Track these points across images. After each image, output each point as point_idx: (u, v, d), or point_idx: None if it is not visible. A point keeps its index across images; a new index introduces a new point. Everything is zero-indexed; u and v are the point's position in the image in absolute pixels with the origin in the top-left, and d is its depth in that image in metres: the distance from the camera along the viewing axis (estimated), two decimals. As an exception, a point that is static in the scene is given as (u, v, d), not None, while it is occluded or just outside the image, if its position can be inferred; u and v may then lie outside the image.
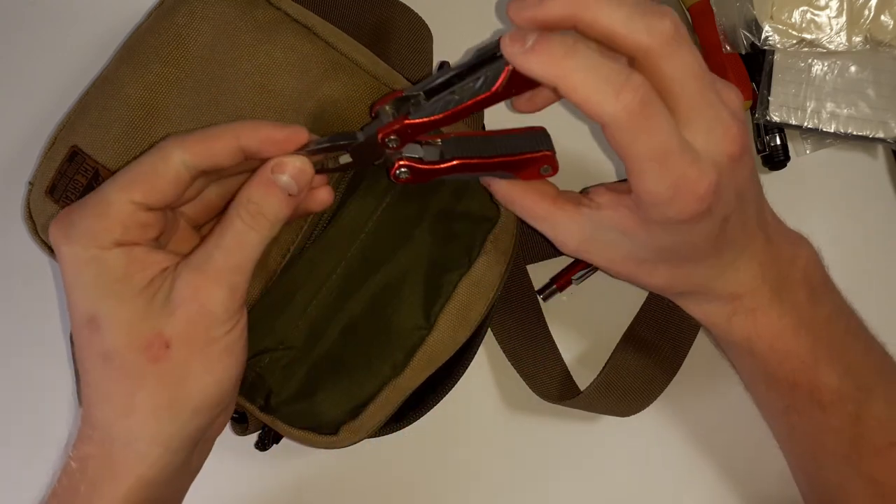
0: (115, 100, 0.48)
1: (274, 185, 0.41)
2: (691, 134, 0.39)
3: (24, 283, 0.58)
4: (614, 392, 0.53)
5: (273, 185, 0.41)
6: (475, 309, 0.48)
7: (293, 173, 0.41)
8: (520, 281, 0.55)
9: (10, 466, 0.56)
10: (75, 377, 0.50)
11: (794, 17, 0.55)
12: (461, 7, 0.59)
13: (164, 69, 0.48)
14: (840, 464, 0.47)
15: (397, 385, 0.47)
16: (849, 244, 0.56)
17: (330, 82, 0.48)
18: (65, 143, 0.49)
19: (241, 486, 0.56)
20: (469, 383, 0.52)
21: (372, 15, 0.56)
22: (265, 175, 0.41)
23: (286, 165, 0.41)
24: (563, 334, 0.56)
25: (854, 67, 0.55)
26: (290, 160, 0.41)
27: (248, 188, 0.41)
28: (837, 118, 0.55)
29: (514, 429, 0.56)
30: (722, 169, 0.40)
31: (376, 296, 0.48)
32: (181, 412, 0.41)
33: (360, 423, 0.47)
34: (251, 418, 0.50)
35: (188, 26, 0.48)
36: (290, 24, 0.48)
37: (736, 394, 0.54)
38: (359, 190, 0.49)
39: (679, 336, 0.54)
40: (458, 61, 0.42)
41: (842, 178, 0.57)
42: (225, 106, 0.48)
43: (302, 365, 0.48)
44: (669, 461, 0.55)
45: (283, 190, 0.41)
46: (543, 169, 0.44)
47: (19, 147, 0.58)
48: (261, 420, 0.49)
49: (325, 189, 0.45)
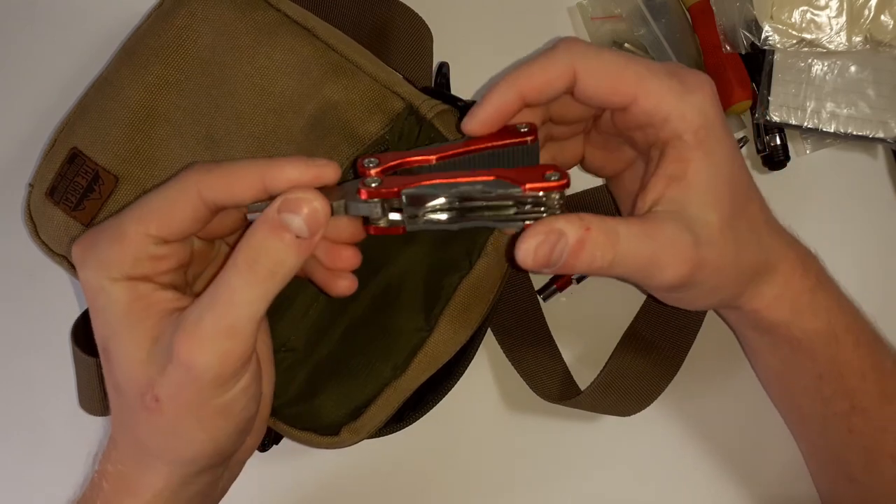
0: (115, 101, 0.48)
1: (280, 227, 0.36)
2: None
3: (25, 284, 0.58)
4: (614, 392, 0.53)
5: (277, 227, 0.36)
6: (475, 310, 0.48)
7: (305, 212, 0.36)
8: (520, 281, 0.55)
9: (10, 466, 0.56)
10: (76, 381, 0.50)
11: (794, 16, 0.55)
12: (461, 7, 0.59)
13: (164, 71, 0.48)
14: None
15: (398, 386, 0.47)
16: (849, 244, 0.56)
17: (330, 84, 0.48)
18: (65, 145, 0.49)
19: (240, 486, 0.56)
20: (469, 383, 0.52)
21: (372, 15, 0.56)
22: (270, 215, 0.36)
23: (297, 204, 0.36)
24: (563, 334, 0.56)
25: (854, 67, 0.55)
26: (302, 197, 0.36)
27: (251, 233, 0.36)
28: (837, 118, 0.55)
29: (514, 429, 0.56)
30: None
31: (377, 298, 0.48)
32: (175, 459, 0.40)
33: (361, 424, 0.47)
34: (252, 419, 0.50)
35: (188, 28, 0.48)
36: (290, 26, 0.48)
37: (736, 393, 0.54)
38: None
39: (679, 336, 0.54)
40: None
41: (842, 178, 0.57)
42: (225, 108, 0.48)
43: (303, 367, 0.48)
44: (670, 461, 0.55)
45: (289, 232, 0.36)
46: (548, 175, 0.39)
47: (19, 148, 0.58)
48: (261, 421, 0.49)
49: (350, 251, 0.42)
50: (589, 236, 0.37)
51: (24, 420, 0.57)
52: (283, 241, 0.36)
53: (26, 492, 0.56)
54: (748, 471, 0.54)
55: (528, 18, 0.59)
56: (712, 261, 0.41)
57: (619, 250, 0.38)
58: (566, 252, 0.37)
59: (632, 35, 0.58)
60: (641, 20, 0.57)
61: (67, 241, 0.50)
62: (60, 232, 0.49)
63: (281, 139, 0.48)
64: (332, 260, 0.43)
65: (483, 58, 0.58)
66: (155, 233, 0.39)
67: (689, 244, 0.40)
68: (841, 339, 0.46)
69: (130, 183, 0.49)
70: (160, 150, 0.48)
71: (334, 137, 0.48)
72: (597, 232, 0.38)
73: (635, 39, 0.58)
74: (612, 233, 0.38)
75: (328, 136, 0.48)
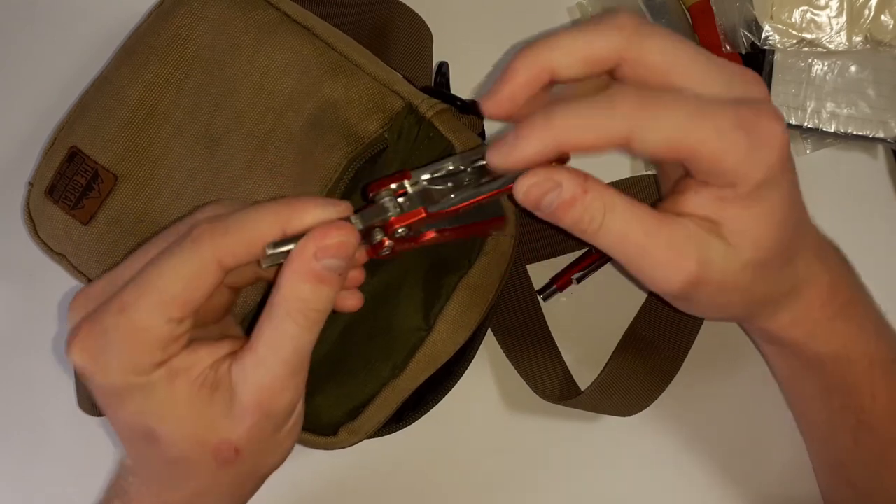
0: (115, 100, 0.48)
1: (322, 275, 0.36)
2: (719, 90, 0.36)
3: (24, 284, 0.58)
4: (615, 392, 0.53)
5: (321, 276, 0.36)
6: (475, 311, 0.48)
7: (338, 252, 0.36)
8: (520, 281, 0.55)
9: (10, 466, 0.56)
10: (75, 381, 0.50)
11: (794, 16, 0.55)
12: (461, 7, 0.59)
13: (164, 70, 0.48)
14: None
15: (396, 386, 0.47)
16: (849, 244, 0.56)
17: (329, 83, 0.48)
18: (64, 144, 0.49)
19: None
20: (469, 383, 0.52)
21: (372, 15, 0.56)
22: (309, 266, 0.35)
23: (329, 248, 0.35)
24: (563, 334, 0.56)
25: (854, 67, 0.55)
26: (331, 238, 0.35)
27: (294, 284, 0.36)
28: (837, 118, 0.55)
29: (514, 429, 0.56)
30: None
31: (376, 297, 0.48)
32: (244, 495, 0.41)
33: (359, 425, 0.47)
34: (251, 419, 0.50)
35: (188, 27, 0.48)
36: (290, 25, 0.48)
37: (737, 393, 0.54)
38: (358, 190, 0.49)
39: (679, 336, 0.54)
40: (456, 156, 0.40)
41: (842, 178, 0.57)
42: (224, 106, 0.48)
43: (301, 366, 0.48)
44: (670, 461, 0.55)
45: (332, 275, 0.36)
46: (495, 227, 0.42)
47: (19, 147, 0.59)
48: (260, 420, 0.49)
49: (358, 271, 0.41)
50: (583, 198, 0.36)
51: (24, 420, 0.57)
52: (329, 286, 0.36)
53: (26, 492, 0.56)
54: (749, 470, 0.54)
55: (528, 18, 0.59)
56: (718, 283, 0.39)
57: (608, 223, 0.37)
58: (555, 203, 0.36)
59: (632, 35, 0.58)
60: (641, 20, 0.57)
61: (66, 240, 0.50)
62: (59, 231, 0.50)
63: (280, 138, 0.48)
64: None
65: (483, 58, 0.58)
66: (178, 316, 0.36)
67: (693, 259, 0.37)
68: (854, 360, 0.44)
69: (129, 182, 0.49)
70: (159, 148, 0.48)
71: (333, 136, 0.48)
72: (592, 197, 0.36)
73: (635, 39, 0.58)
74: (610, 204, 0.37)
75: (327, 135, 0.48)
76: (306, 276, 0.35)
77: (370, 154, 0.48)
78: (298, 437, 0.42)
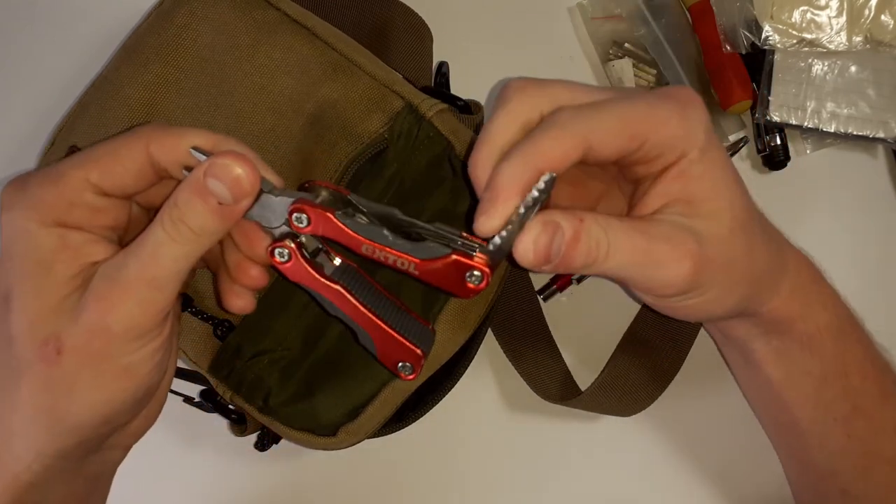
0: (115, 100, 0.48)
1: (203, 189, 0.36)
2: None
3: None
4: (615, 392, 0.53)
5: (202, 191, 0.36)
6: (474, 311, 0.48)
7: (229, 179, 0.36)
8: (520, 281, 0.55)
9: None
10: None
11: (795, 16, 0.55)
12: (461, 7, 0.59)
13: (164, 69, 0.48)
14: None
15: (396, 386, 0.47)
16: (849, 244, 0.56)
17: (329, 83, 0.48)
18: (64, 143, 0.49)
19: (240, 486, 0.56)
20: (469, 383, 0.52)
21: (372, 15, 0.56)
22: (196, 176, 0.36)
23: (223, 169, 0.36)
24: (563, 334, 0.56)
25: (854, 67, 0.55)
26: (229, 163, 0.36)
27: (178, 192, 0.36)
28: (837, 118, 0.55)
29: (514, 429, 0.56)
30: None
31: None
32: (58, 423, 0.37)
33: (359, 425, 0.47)
34: (250, 419, 0.50)
35: (188, 27, 0.48)
36: (290, 25, 0.48)
37: (736, 394, 0.54)
38: (358, 190, 0.48)
39: (679, 336, 0.54)
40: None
41: (842, 178, 0.57)
42: (224, 106, 0.48)
43: (300, 366, 0.48)
44: (670, 461, 0.55)
45: (213, 197, 0.36)
46: (401, 366, 0.42)
47: (19, 148, 0.58)
48: (259, 421, 0.49)
49: (258, 270, 0.40)
50: (583, 227, 0.37)
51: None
52: (206, 205, 0.36)
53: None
54: (748, 471, 0.54)
55: (528, 18, 0.59)
56: (720, 257, 0.40)
57: (612, 239, 0.38)
58: (563, 247, 0.37)
59: (632, 35, 0.58)
60: (641, 20, 0.57)
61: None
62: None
63: (280, 137, 0.48)
64: (238, 273, 0.41)
65: (483, 58, 0.58)
66: (96, 180, 0.37)
67: (690, 240, 0.39)
68: (847, 333, 0.47)
69: (130, 182, 0.48)
70: (159, 148, 0.48)
71: (333, 136, 0.48)
72: (590, 221, 0.37)
73: (635, 39, 0.58)
74: (604, 223, 0.38)
75: (327, 135, 0.48)
76: (190, 185, 0.36)
77: (370, 154, 0.48)
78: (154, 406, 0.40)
